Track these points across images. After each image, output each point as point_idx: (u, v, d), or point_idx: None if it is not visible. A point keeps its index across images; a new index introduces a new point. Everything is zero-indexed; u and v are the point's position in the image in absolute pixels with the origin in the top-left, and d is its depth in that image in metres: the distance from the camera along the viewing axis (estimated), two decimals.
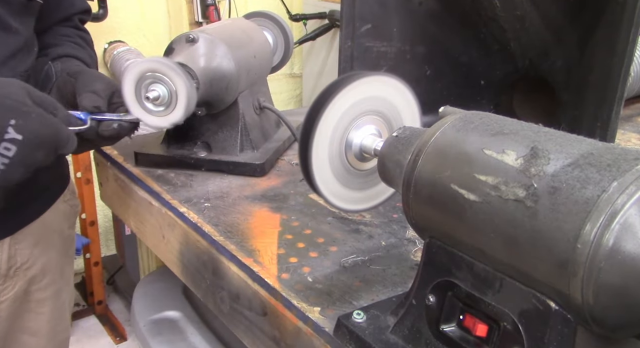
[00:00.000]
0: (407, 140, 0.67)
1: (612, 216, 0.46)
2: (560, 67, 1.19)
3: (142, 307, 1.42)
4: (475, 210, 0.55)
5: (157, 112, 1.00)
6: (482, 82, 1.33)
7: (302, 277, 0.84)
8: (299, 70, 3.20)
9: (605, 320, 0.49)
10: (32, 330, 1.01)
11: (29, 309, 1.00)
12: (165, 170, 1.21)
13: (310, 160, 0.69)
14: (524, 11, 1.19)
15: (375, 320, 0.70)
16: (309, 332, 0.75)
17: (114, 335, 2.48)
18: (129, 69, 0.95)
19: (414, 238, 0.95)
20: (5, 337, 0.97)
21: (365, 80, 0.70)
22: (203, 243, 0.97)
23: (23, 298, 0.98)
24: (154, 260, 1.58)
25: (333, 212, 1.04)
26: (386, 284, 0.83)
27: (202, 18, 2.68)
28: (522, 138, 0.56)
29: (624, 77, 1.00)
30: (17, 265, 0.95)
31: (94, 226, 2.44)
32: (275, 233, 0.99)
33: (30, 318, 1.01)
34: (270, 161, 1.23)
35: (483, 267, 0.58)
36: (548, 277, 0.50)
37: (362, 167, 0.75)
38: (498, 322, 0.58)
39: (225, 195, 1.11)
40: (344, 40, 1.14)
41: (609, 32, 1.01)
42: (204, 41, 1.13)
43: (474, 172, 0.56)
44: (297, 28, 2.90)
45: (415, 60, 1.25)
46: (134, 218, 1.22)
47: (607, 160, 0.49)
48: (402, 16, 1.21)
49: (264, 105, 1.30)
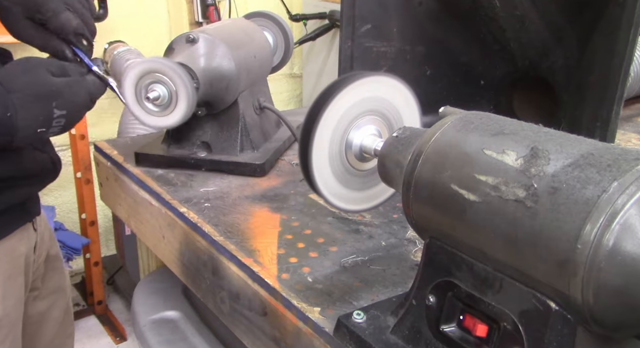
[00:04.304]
0: (407, 141, 0.67)
1: (612, 216, 0.46)
2: (560, 67, 1.19)
3: (142, 307, 1.41)
4: (475, 210, 0.55)
5: (158, 112, 1.00)
6: (482, 82, 1.33)
7: (302, 277, 0.84)
8: (299, 70, 3.20)
9: (605, 320, 0.49)
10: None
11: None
12: (165, 170, 1.21)
13: (311, 160, 0.69)
14: (524, 11, 1.19)
15: (375, 320, 0.70)
16: (309, 332, 0.75)
17: (114, 335, 2.48)
18: (129, 69, 0.95)
19: (414, 238, 0.95)
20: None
21: (365, 80, 0.70)
22: (203, 243, 0.97)
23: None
24: (154, 260, 1.58)
25: (333, 212, 1.04)
26: (386, 284, 0.83)
27: (202, 18, 2.68)
28: (522, 138, 0.56)
29: (623, 77, 1.00)
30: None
31: (94, 226, 2.44)
32: (275, 233, 0.99)
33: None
34: (270, 161, 1.23)
35: (483, 267, 0.58)
36: (548, 277, 0.50)
37: (362, 167, 0.75)
38: (498, 322, 0.58)
39: (225, 195, 1.11)
40: (344, 40, 1.14)
41: (609, 32, 1.01)
42: (204, 41, 1.13)
43: (474, 172, 0.56)
44: (297, 28, 2.90)
45: (415, 60, 1.25)
46: (134, 219, 1.22)
47: (607, 161, 0.49)
48: (402, 16, 1.21)
49: (264, 105, 1.30)
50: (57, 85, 0.79)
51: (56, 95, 0.78)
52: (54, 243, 1.08)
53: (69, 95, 0.80)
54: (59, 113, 0.79)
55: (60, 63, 0.84)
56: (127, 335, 2.47)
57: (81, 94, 0.82)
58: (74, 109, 0.81)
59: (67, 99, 0.80)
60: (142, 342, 1.35)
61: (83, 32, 0.88)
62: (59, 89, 0.79)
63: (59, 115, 0.79)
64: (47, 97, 0.78)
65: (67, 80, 0.81)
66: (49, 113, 0.78)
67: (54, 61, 0.84)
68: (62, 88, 0.79)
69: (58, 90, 0.79)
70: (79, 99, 0.82)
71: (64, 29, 0.87)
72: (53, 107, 0.78)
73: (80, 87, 0.83)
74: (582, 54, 1.13)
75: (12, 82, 0.76)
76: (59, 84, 0.79)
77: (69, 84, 0.81)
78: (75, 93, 0.81)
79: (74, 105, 0.81)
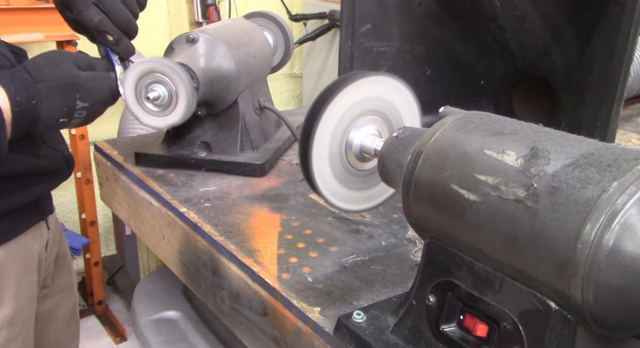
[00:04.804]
0: (407, 140, 0.67)
1: (612, 216, 0.46)
2: (560, 67, 1.19)
3: (142, 307, 1.41)
4: (475, 210, 0.55)
5: (157, 112, 1.00)
6: (482, 82, 1.33)
7: (302, 277, 0.84)
8: (299, 70, 3.20)
9: (605, 320, 0.49)
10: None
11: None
12: (165, 170, 1.21)
13: (311, 160, 0.69)
14: (524, 11, 1.19)
15: (375, 320, 0.70)
16: (309, 332, 0.75)
17: (114, 335, 2.48)
18: (129, 69, 0.95)
19: (414, 238, 0.95)
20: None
21: (366, 80, 0.70)
22: (203, 243, 0.97)
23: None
24: (154, 260, 1.58)
25: (333, 212, 1.04)
26: (386, 284, 0.83)
27: (202, 18, 2.69)
28: (522, 138, 0.56)
29: (623, 77, 1.00)
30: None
31: (94, 226, 2.44)
32: (275, 233, 0.99)
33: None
34: (270, 161, 1.23)
35: (483, 267, 0.58)
36: (548, 277, 0.50)
37: (362, 167, 0.75)
38: (498, 322, 0.58)
39: (225, 195, 1.11)
40: (344, 40, 1.14)
41: (608, 32, 1.01)
42: (204, 41, 1.13)
43: (474, 172, 0.56)
44: (297, 28, 2.90)
45: (415, 60, 1.25)
46: (134, 219, 1.22)
47: (607, 160, 0.49)
48: (402, 16, 1.21)
49: (264, 105, 1.30)
50: (81, 77, 0.82)
51: (80, 87, 0.81)
52: (64, 241, 1.09)
53: (92, 89, 0.83)
54: (81, 105, 0.81)
55: (88, 57, 0.87)
56: (127, 335, 2.47)
57: (104, 88, 0.85)
58: (96, 102, 0.84)
59: (91, 92, 0.82)
60: (142, 342, 1.35)
61: (105, 29, 0.90)
62: (84, 81, 0.82)
63: (81, 106, 0.81)
64: (70, 88, 0.80)
65: (92, 74, 0.84)
66: (72, 104, 0.80)
67: (82, 55, 0.86)
68: (86, 81, 0.82)
69: (82, 82, 0.81)
70: (102, 93, 0.85)
71: (86, 25, 0.90)
72: (76, 98, 0.81)
73: (104, 82, 0.86)
74: (582, 54, 1.13)
75: (39, 72, 0.78)
76: (84, 77, 0.82)
77: (94, 77, 0.84)
78: (99, 87, 0.84)
79: (97, 98, 0.84)
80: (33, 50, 2.51)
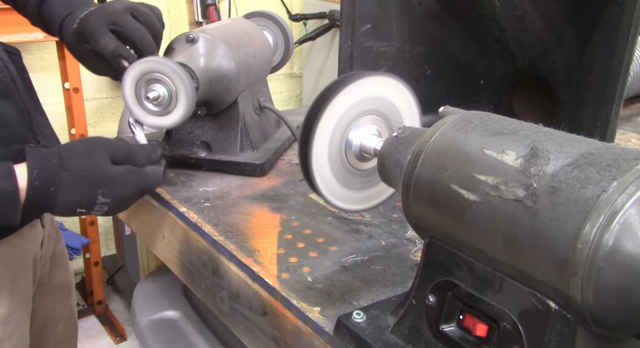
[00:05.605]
0: (407, 140, 0.67)
1: (612, 216, 0.46)
2: (560, 67, 1.19)
3: (142, 307, 1.42)
4: (475, 210, 0.55)
5: (157, 112, 1.00)
6: (482, 82, 1.33)
7: (302, 277, 0.84)
8: (299, 70, 3.20)
9: (605, 320, 0.49)
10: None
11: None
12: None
13: (310, 160, 0.69)
14: (523, 11, 1.19)
15: (375, 320, 0.70)
16: (309, 332, 0.75)
17: (114, 335, 2.48)
18: (129, 69, 0.95)
19: (414, 238, 0.95)
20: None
21: (365, 80, 0.70)
22: (203, 243, 0.97)
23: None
24: (154, 260, 1.58)
25: (333, 212, 1.04)
26: (386, 284, 0.83)
27: (202, 18, 2.69)
28: (522, 138, 0.56)
29: (623, 77, 1.00)
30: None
31: (94, 226, 2.44)
32: (275, 233, 0.99)
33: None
34: (270, 161, 1.23)
35: (483, 267, 0.58)
36: (548, 277, 0.50)
37: (362, 167, 0.75)
38: (498, 322, 0.58)
39: (225, 195, 1.11)
40: (344, 40, 1.14)
41: (608, 32, 1.01)
42: (204, 41, 1.14)
43: (473, 172, 0.56)
44: (297, 28, 2.90)
45: (415, 60, 1.25)
46: (134, 218, 1.22)
47: (607, 160, 0.49)
48: (402, 16, 1.21)
49: (264, 105, 1.30)
50: (109, 174, 0.79)
51: (105, 184, 0.79)
52: (60, 239, 1.09)
53: (118, 186, 0.80)
54: (102, 200, 0.79)
55: (128, 147, 0.84)
56: (127, 335, 2.48)
57: (132, 187, 0.82)
58: (119, 200, 0.81)
59: (116, 189, 0.80)
60: (142, 342, 1.35)
61: (120, 53, 0.90)
62: (111, 178, 0.79)
63: (102, 202, 0.79)
64: (94, 183, 0.78)
65: (124, 170, 0.81)
66: (93, 198, 0.78)
67: (122, 145, 0.84)
68: (114, 178, 0.80)
69: (109, 179, 0.79)
70: (128, 191, 0.82)
71: (103, 53, 0.90)
72: (98, 193, 0.79)
73: (134, 179, 0.83)
74: (582, 54, 1.13)
75: (70, 161, 0.77)
76: (113, 173, 0.80)
77: (124, 175, 0.81)
78: (126, 185, 0.81)
79: (120, 197, 0.81)
80: (33, 50, 2.51)
